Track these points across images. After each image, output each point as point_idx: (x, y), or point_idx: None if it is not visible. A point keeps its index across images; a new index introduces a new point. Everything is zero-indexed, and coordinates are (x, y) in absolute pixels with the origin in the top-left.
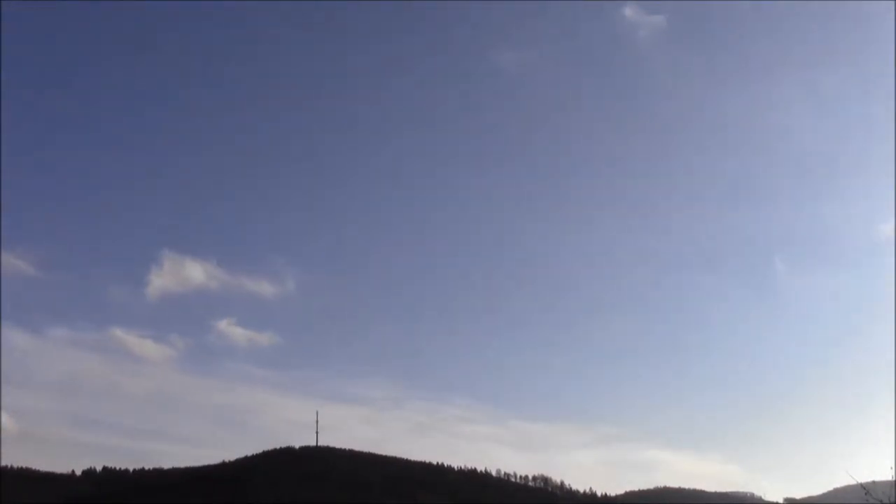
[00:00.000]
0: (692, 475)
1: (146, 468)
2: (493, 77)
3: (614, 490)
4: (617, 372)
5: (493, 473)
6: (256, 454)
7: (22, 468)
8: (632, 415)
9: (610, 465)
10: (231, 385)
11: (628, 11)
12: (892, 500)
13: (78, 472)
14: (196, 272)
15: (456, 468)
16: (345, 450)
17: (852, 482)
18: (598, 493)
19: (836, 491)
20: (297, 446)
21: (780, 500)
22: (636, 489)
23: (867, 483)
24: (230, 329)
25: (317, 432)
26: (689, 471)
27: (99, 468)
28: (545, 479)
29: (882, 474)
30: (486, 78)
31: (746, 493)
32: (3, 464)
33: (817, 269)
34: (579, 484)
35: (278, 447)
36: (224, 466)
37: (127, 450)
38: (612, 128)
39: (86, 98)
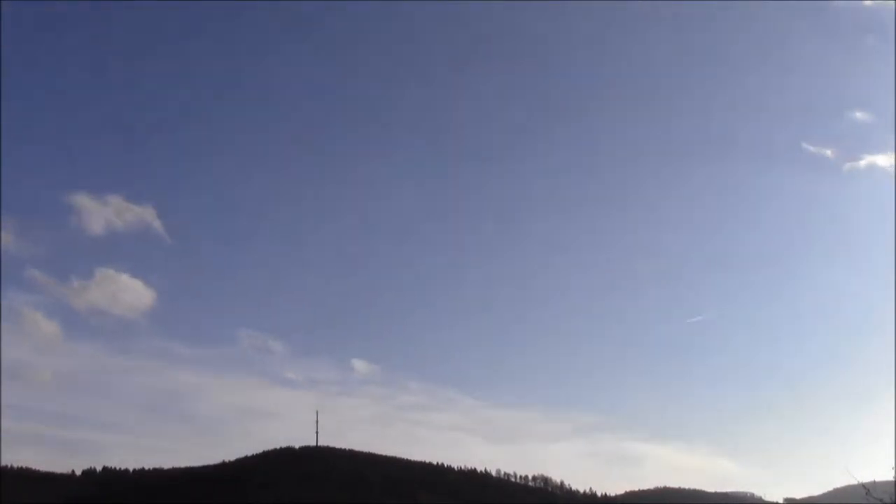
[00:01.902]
0: (683, 470)
1: (146, 468)
2: (496, 75)
3: (613, 490)
4: (594, 358)
5: (493, 473)
6: (256, 454)
7: (22, 468)
8: (611, 404)
9: (592, 459)
10: (152, 365)
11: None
12: (893, 499)
13: (78, 472)
14: None
15: (456, 468)
16: (345, 450)
17: (852, 482)
18: (598, 494)
19: (837, 491)
20: (297, 446)
21: (780, 500)
22: (636, 489)
23: (868, 483)
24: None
25: (317, 432)
26: (679, 465)
27: (99, 468)
28: (545, 479)
29: (883, 474)
30: (488, 76)
31: (746, 493)
32: (3, 464)
33: (818, 269)
34: (577, 483)
35: (278, 447)
36: (224, 466)
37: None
38: (618, 126)
39: None
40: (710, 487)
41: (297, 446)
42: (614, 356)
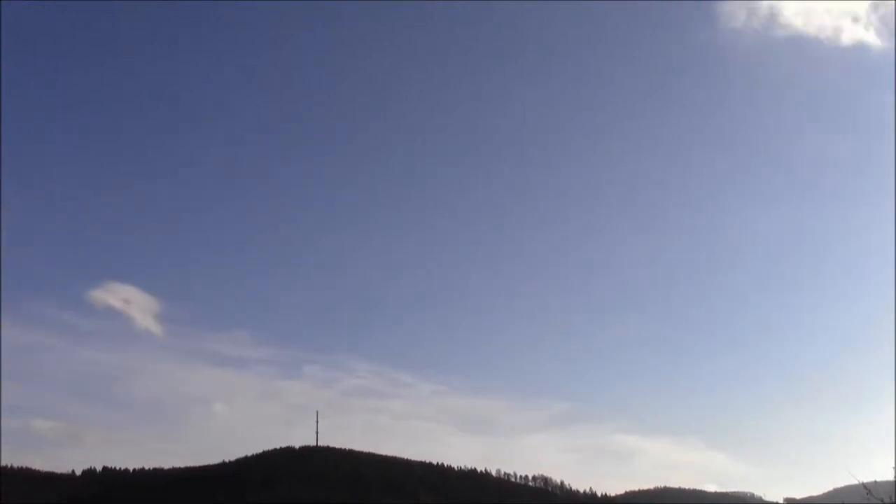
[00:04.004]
0: (676, 466)
1: (146, 468)
2: (498, 77)
3: (613, 489)
4: (561, 341)
5: (493, 473)
6: (256, 454)
7: (22, 468)
8: (587, 392)
9: (577, 453)
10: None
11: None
12: (894, 499)
13: (78, 472)
14: None
15: (456, 468)
16: (345, 450)
17: (853, 482)
18: (598, 493)
19: (837, 491)
20: (297, 446)
21: (780, 500)
22: (636, 489)
23: (868, 483)
24: None
25: (317, 432)
26: (673, 461)
27: (99, 468)
28: (545, 479)
29: (883, 474)
30: (490, 78)
31: (746, 493)
32: (3, 464)
33: (818, 268)
34: (571, 480)
35: (278, 447)
36: (224, 466)
37: None
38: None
39: None
40: (709, 486)
41: (297, 446)
42: (588, 340)
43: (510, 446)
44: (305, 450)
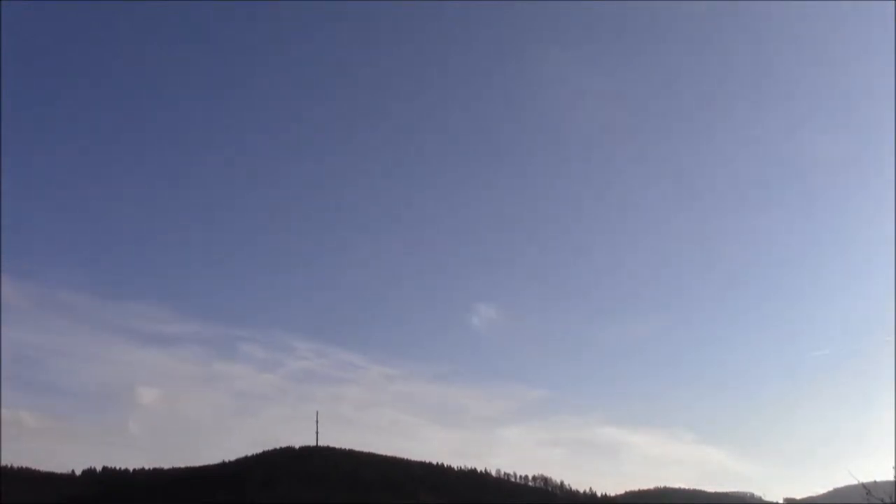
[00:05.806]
0: (669, 462)
1: (146, 468)
2: (498, 78)
3: (613, 489)
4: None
5: (493, 473)
6: (256, 454)
7: (22, 468)
8: (566, 378)
9: (556, 447)
10: None
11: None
12: (894, 499)
13: (78, 472)
14: None
15: (456, 468)
16: (345, 450)
17: (853, 482)
18: (598, 494)
19: (837, 491)
20: (297, 446)
21: (780, 501)
22: (636, 489)
23: (868, 483)
24: None
25: (317, 432)
26: (665, 457)
27: (99, 468)
28: (545, 479)
29: (883, 474)
30: (490, 78)
31: (746, 493)
32: (3, 464)
33: (818, 268)
34: (574, 482)
35: (278, 447)
36: (224, 466)
37: None
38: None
39: None
40: (709, 486)
41: (297, 446)
42: (573, 330)
43: (487, 440)
44: (305, 450)
